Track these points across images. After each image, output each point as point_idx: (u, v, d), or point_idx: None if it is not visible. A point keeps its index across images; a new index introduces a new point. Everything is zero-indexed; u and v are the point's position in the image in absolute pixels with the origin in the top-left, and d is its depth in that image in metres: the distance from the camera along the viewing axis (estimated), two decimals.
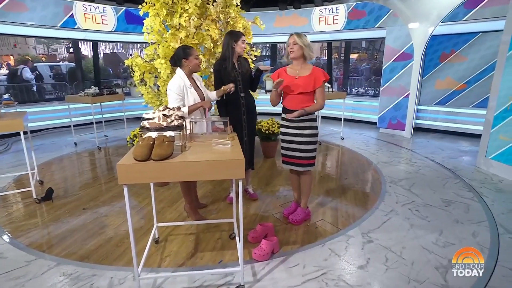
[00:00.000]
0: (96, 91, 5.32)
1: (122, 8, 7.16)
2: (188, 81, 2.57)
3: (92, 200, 3.31)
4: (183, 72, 2.57)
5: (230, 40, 2.84)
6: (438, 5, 5.30)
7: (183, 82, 2.53)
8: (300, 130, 2.61)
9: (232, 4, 3.95)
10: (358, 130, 6.64)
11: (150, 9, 3.60)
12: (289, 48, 2.56)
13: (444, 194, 3.38)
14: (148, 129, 1.92)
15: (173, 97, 2.50)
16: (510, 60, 3.84)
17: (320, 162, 4.58)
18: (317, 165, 4.39)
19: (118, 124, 7.29)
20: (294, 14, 7.51)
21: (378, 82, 8.92)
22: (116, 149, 5.36)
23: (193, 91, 2.59)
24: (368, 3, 6.43)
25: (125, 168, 1.62)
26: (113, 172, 4.24)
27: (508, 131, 3.86)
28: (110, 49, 12.75)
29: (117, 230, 2.71)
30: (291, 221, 2.78)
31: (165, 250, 2.41)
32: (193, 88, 2.60)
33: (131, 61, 3.78)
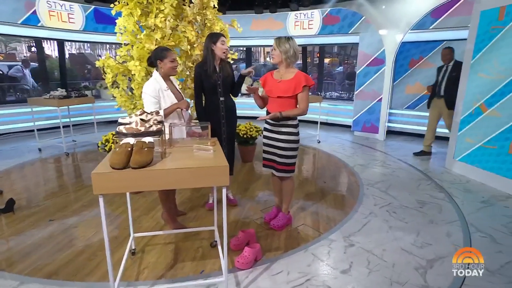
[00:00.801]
0: (63, 93, 5.02)
1: (91, 6, 6.84)
2: (164, 83, 2.46)
3: (59, 211, 3.09)
4: (158, 74, 2.46)
5: (209, 43, 2.77)
6: (408, 14, 5.55)
7: (159, 85, 2.42)
8: (279, 135, 2.58)
9: (209, 6, 3.88)
10: (333, 133, 6.77)
11: (123, 9, 3.44)
12: (271, 53, 2.54)
13: (418, 195, 3.50)
14: (125, 134, 1.80)
15: (149, 100, 2.38)
16: (474, 68, 4.07)
17: (298, 166, 4.59)
18: (296, 169, 4.40)
19: (87, 128, 6.93)
20: (270, 18, 7.55)
21: (350, 86, 9.18)
22: (85, 155, 5.07)
23: (170, 94, 2.48)
24: (342, 9, 6.60)
25: (101, 177, 1.50)
26: (82, 179, 3.99)
27: (473, 134, 4.08)
28: (77, 49, 12.05)
29: (88, 242, 2.54)
30: (273, 227, 2.74)
31: (143, 261, 2.28)
32: (170, 91, 2.49)
33: (102, 62, 3.58)
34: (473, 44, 4.07)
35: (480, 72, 3.97)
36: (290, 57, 2.49)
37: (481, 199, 3.43)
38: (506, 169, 3.64)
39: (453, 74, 4.53)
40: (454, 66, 4.58)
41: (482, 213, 3.10)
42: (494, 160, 3.80)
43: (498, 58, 3.75)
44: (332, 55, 12.75)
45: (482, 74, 3.96)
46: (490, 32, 3.84)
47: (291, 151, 2.59)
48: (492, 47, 3.82)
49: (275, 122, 2.56)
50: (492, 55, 3.82)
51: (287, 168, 2.63)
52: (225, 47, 2.80)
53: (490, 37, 3.83)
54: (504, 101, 3.67)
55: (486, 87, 3.88)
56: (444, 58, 4.70)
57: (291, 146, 2.58)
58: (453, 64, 4.62)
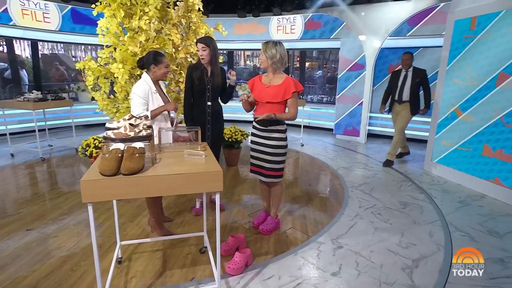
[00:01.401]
0: (39, 96, 4.79)
1: (68, 6, 6.60)
2: (153, 86, 2.46)
3: (37, 220, 2.93)
4: (149, 77, 2.45)
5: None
6: (386, 21, 5.76)
7: (149, 87, 2.42)
8: (268, 140, 2.58)
9: (194, 9, 3.85)
10: (316, 137, 6.87)
11: (105, 10, 3.34)
12: (259, 58, 2.56)
13: (400, 196, 3.62)
14: (113, 140, 1.75)
15: (137, 101, 2.35)
16: (449, 73, 4.27)
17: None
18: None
19: (64, 132, 6.65)
20: (253, 22, 7.58)
21: (331, 90, 9.37)
22: (62, 160, 4.86)
23: (159, 97, 2.49)
24: (324, 15, 6.74)
25: (90, 185, 1.45)
26: (60, 186, 3.82)
27: (449, 137, 4.27)
28: (49, 50, 11.42)
29: (70, 252, 2.43)
30: (262, 231, 2.73)
31: (130, 270, 2.21)
32: (158, 94, 2.49)
33: (83, 64, 3.46)
34: (448, 52, 4.28)
35: (455, 78, 4.18)
36: (276, 62, 2.48)
37: (458, 199, 3.59)
38: (479, 170, 3.84)
39: (416, 80, 4.51)
40: (416, 72, 4.55)
41: (460, 212, 3.25)
42: (468, 162, 3.99)
43: (471, 65, 3.95)
44: (311, 59, 12.99)
45: (456, 80, 4.16)
46: (463, 40, 4.05)
47: (280, 156, 2.60)
48: (465, 55, 4.03)
49: (263, 127, 2.56)
50: (465, 62, 4.03)
51: (275, 173, 2.63)
52: (201, 52, 2.80)
53: (464, 45, 4.04)
54: (477, 106, 3.88)
55: (461, 92, 4.08)
56: (405, 63, 4.59)
57: (280, 152, 2.59)
58: (413, 70, 4.57)
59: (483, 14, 3.78)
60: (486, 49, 3.75)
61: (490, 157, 3.72)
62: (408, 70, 4.59)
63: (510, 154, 3.48)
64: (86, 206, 1.48)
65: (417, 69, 4.56)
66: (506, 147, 3.53)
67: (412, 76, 4.54)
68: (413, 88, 4.53)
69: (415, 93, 4.54)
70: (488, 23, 3.71)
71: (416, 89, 4.53)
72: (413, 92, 4.54)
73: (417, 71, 4.54)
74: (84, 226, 2.82)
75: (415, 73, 4.54)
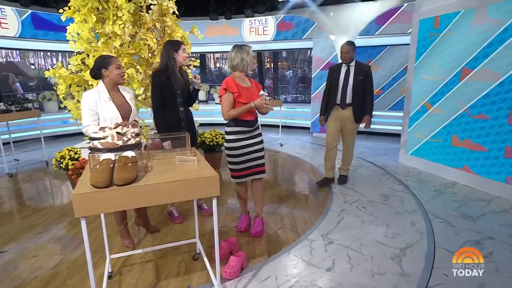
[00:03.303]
0: (2, 107, 4.48)
1: (28, 11, 6.22)
2: (106, 94, 2.21)
3: (12, 240, 2.73)
4: (103, 85, 2.23)
5: (170, 50, 2.66)
6: (356, 21, 5.98)
7: (98, 95, 2.19)
8: (256, 138, 2.64)
9: (169, 12, 3.78)
10: (294, 136, 6.98)
11: (75, 15, 3.20)
12: (254, 61, 2.61)
13: (381, 189, 3.77)
14: (100, 150, 1.68)
15: (84, 113, 2.16)
16: (417, 70, 4.52)
17: (266, 170, 4.64)
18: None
19: (31, 145, 6.26)
20: (225, 24, 7.57)
21: (304, 89, 9.57)
22: (31, 174, 4.56)
23: (111, 107, 2.21)
24: (295, 16, 6.87)
25: (82, 198, 1.38)
26: (33, 202, 3.59)
27: (421, 130, 4.52)
28: (4, 58, 10.53)
29: (54, 271, 2.29)
30: (256, 235, 2.73)
31: (122, 284, 2.12)
32: (112, 103, 2.22)
33: (53, 72, 3.28)
34: (415, 49, 4.52)
35: (423, 74, 4.42)
36: (235, 66, 2.51)
37: (433, 188, 3.81)
38: (450, 159, 4.09)
39: (359, 77, 3.50)
40: (358, 67, 3.54)
41: (436, 200, 3.44)
42: (440, 152, 4.24)
43: (436, 61, 4.21)
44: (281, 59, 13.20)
45: (424, 75, 4.41)
46: (428, 38, 4.30)
47: (264, 151, 2.74)
48: (431, 52, 4.28)
49: (252, 127, 2.60)
50: (431, 59, 4.28)
51: (264, 168, 2.74)
52: (186, 54, 2.76)
53: (429, 42, 4.29)
54: (444, 99, 4.13)
55: (429, 87, 4.33)
56: (344, 57, 3.50)
57: (263, 146, 2.73)
58: (355, 65, 3.54)
59: (444, 14, 4.04)
60: (450, 46, 4.00)
61: (458, 146, 3.97)
62: (349, 65, 3.54)
63: (476, 143, 3.75)
64: (64, 222, 1.41)
65: (360, 64, 3.59)
66: (472, 137, 3.79)
67: (354, 72, 3.53)
68: (356, 88, 3.53)
69: (360, 93, 3.55)
70: (450, 21, 3.97)
71: (360, 89, 3.53)
72: (357, 93, 3.54)
73: (361, 67, 3.56)
74: (65, 242, 2.67)
75: (358, 69, 3.53)
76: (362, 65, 3.59)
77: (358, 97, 3.57)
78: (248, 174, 2.68)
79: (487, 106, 3.60)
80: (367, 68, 3.60)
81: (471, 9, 3.70)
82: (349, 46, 3.48)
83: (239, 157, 2.59)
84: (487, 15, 3.54)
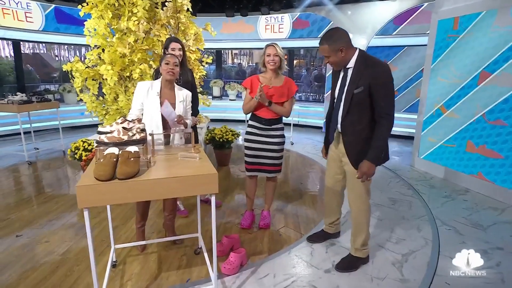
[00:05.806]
0: (24, 98, 4.68)
1: (51, 5, 6.45)
2: (158, 87, 2.26)
3: (26, 225, 2.88)
4: (160, 79, 2.31)
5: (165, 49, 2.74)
6: (373, 20, 5.87)
7: (150, 87, 2.25)
8: (271, 138, 2.67)
9: (183, 9, 3.84)
10: (305, 135, 6.95)
11: (92, 10, 3.30)
12: (270, 59, 2.54)
13: (390, 193, 3.71)
14: (107, 144, 1.75)
15: (133, 100, 2.29)
16: (434, 72, 4.40)
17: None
18: None
19: (50, 135, 6.51)
20: (240, 21, 7.58)
21: (319, 88, 9.47)
22: (50, 163, 4.76)
23: (155, 100, 2.22)
24: (311, 14, 6.81)
25: (86, 190, 1.44)
26: (50, 190, 3.75)
27: (435, 134, 4.40)
28: (30, 50, 11.01)
29: (63, 257, 2.40)
30: (263, 226, 2.84)
31: (125, 273, 2.20)
32: (158, 98, 2.22)
33: (70, 66, 3.41)
34: (432, 51, 4.40)
35: (440, 76, 4.30)
36: (285, 62, 2.65)
37: (444, 194, 3.71)
38: (463, 165, 3.97)
39: (355, 90, 2.01)
40: (358, 71, 2.01)
41: (445, 207, 3.36)
42: (453, 158, 4.12)
43: (454, 64, 4.08)
44: (298, 57, 13.09)
45: (441, 78, 4.29)
46: (446, 40, 4.18)
47: (281, 152, 2.76)
48: (449, 54, 4.15)
49: (265, 126, 2.65)
50: (449, 61, 4.15)
51: (278, 168, 2.78)
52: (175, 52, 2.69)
53: (447, 44, 4.17)
54: (460, 103, 4.01)
55: (445, 90, 4.21)
56: (326, 62, 2.11)
57: (281, 148, 2.75)
58: (355, 67, 2.03)
59: (465, 15, 3.91)
60: (469, 48, 3.87)
61: (473, 152, 3.85)
62: (347, 68, 2.08)
63: (491, 150, 3.62)
64: (77, 210, 1.48)
65: (363, 65, 2.01)
66: (488, 143, 3.67)
67: (350, 80, 2.06)
68: (352, 108, 2.07)
69: (354, 116, 2.08)
70: (470, 23, 3.84)
71: (356, 109, 2.07)
72: (351, 116, 2.09)
73: (361, 70, 2.01)
74: (76, 230, 2.79)
75: (356, 74, 2.02)
76: (365, 68, 1.98)
77: (352, 123, 2.09)
78: (258, 170, 2.74)
79: (506, 112, 3.47)
80: (374, 72, 1.95)
81: (493, 9, 3.56)
82: (326, 46, 1.99)
83: (250, 150, 2.73)
84: (509, 17, 3.41)
